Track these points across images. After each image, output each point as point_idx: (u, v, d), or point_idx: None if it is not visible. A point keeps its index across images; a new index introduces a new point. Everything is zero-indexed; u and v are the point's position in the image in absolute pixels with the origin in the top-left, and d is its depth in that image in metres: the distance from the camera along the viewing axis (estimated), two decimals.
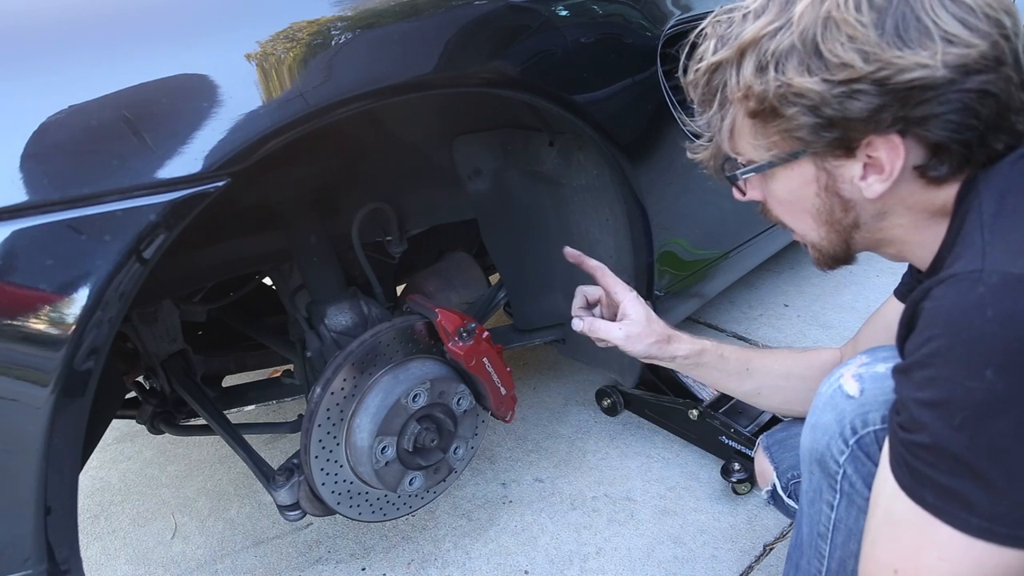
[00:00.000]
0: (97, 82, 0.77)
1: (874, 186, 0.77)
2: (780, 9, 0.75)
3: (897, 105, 0.71)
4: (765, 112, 0.78)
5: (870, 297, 2.37)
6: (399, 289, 1.81)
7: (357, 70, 0.92)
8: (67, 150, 0.75)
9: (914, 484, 0.68)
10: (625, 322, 1.20)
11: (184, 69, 0.81)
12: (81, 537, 0.93)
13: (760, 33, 0.76)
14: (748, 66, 0.77)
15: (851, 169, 0.77)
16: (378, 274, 1.43)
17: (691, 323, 2.31)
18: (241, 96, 0.83)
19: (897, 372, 0.72)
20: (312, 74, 0.88)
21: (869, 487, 0.89)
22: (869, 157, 0.75)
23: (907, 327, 0.73)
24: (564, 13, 1.16)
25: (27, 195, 0.72)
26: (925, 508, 0.67)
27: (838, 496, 0.94)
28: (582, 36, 1.18)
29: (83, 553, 0.92)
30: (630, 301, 1.21)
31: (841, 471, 0.92)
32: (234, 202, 1.11)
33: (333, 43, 0.90)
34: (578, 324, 1.23)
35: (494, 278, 1.80)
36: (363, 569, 1.49)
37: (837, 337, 2.16)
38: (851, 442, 0.90)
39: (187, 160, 0.79)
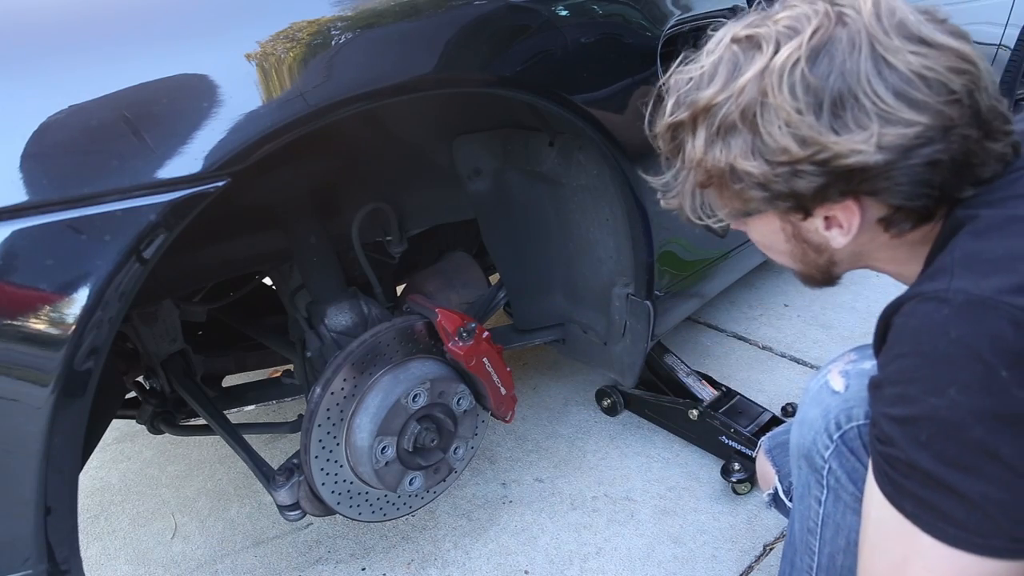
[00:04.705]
0: (97, 82, 0.77)
1: (837, 239, 0.78)
2: (727, 78, 0.75)
3: (841, 182, 0.71)
4: (716, 183, 0.79)
5: (870, 297, 2.37)
6: (399, 289, 1.81)
7: (357, 70, 0.92)
8: (67, 150, 0.75)
9: (895, 493, 0.70)
10: None
11: (184, 69, 0.81)
12: (81, 537, 0.93)
13: (710, 102, 0.75)
14: (700, 136, 0.77)
15: (813, 223, 0.78)
16: (378, 274, 1.43)
17: (691, 323, 2.31)
18: (241, 96, 0.83)
19: (871, 387, 0.73)
20: (312, 74, 0.88)
21: (854, 482, 0.91)
22: (828, 215, 0.76)
23: (881, 339, 0.74)
24: (564, 13, 1.15)
25: (27, 195, 0.72)
26: (907, 517, 0.69)
27: (825, 491, 0.95)
28: (582, 36, 1.18)
29: (83, 553, 0.92)
30: None
31: (827, 466, 0.94)
32: (234, 202, 1.11)
33: (333, 43, 0.90)
34: None
35: (494, 278, 1.80)
36: (363, 569, 1.49)
37: (837, 337, 2.16)
38: (835, 437, 0.92)
39: (187, 160, 0.79)
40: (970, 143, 0.70)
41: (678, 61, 0.83)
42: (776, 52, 0.71)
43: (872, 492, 0.74)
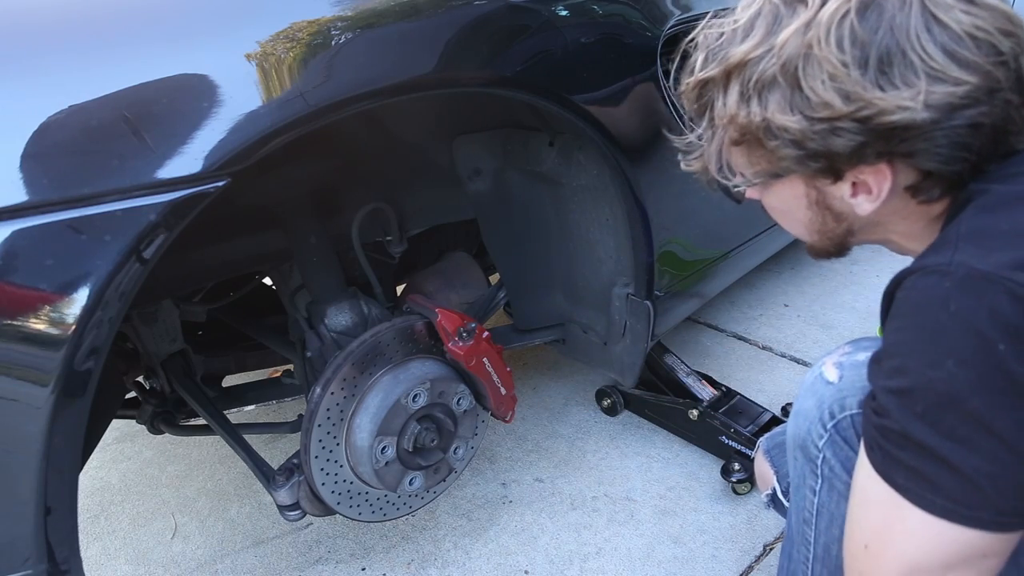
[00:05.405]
0: (97, 82, 0.77)
1: (863, 205, 0.77)
2: (766, 32, 0.73)
3: (881, 142, 0.70)
4: (749, 140, 0.77)
5: (870, 297, 2.37)
6: (399, 289, 1.81)
7: (357, 70, 0.92)
8: (67, 150, 0.75)
9: (886, 466, 0.71)
10: None
11: (184, 69, 0.81)
12: (81, 537, 0.93)
13: (746, 57, 0.74)
14: (733, 92, 0.76)
15: (840, 188, 0.78)
16: (378, 274, 1.43)
17: (691, 323, 2.31)
18: (241, 96, 0.83)
19: (871, 361, 0.74)
20: (312, 74, 0.88)
21: (847, 471, 0.91)
22: (856, 181, 0.76)
23: (886, 314, 0.75)
24: (564, 13, 1.15)
25: (27, 195, 0.72)
26: (895, 489, 0.69)
27: (820, 481, 0.96)
28: (582, 36, 1.18)
29: (83, 553, 0.92)
30: None
31: (821, 456, 0.94)
32: (234, 202, 1.11)
33: (333, 43, 0.90)
34: None
35: (494, 278, 1.80)
36: (363, 569, 1.49)
37: (837, 337, 2.15)
38: (829, 426, 0.92)
39: (187, 160, 0.79)
40: (1011, 109, 0.69)
41: (709, 16, 0.81)
42: (823, 4, 0.70)
43: (861, 466, 0.74)
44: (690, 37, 0.84)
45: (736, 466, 1.57)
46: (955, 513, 0.66)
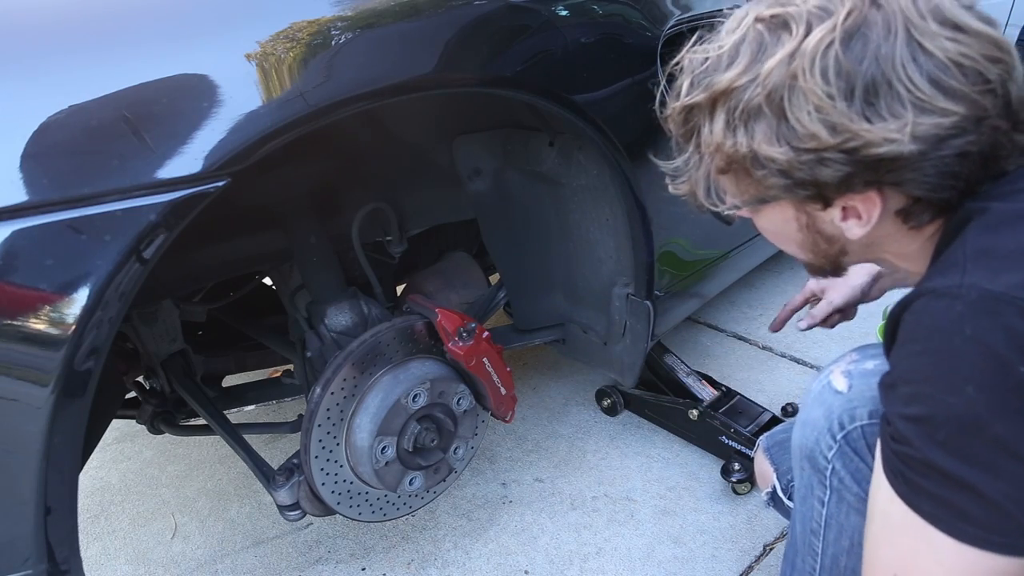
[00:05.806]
0: (97, 82, 0.77)
1: (854, 229, 0.76)
2: (751, 60, 0.72)
3: (868, 172, 0.69)
4: (736, 169, 0.76)
5: None
6: (399, 289, 1.81)
7: (357, 70, 0.92)
8: (67, 150, 0.75)
9: (910, 493, 0.69)
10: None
11: (184, 69, 0.81)
12: (81, 537, 0.93)
13: (731, 85, 0.72)
14: (719, 120, 0.74)
15: (830, 214, 0.77)
16: (378, 274, 1.43)
17: (691, 323, 2.31)
18: (241, 96, 0.83)
19: (883, 386, 0.72)
20: (312, 74, 0.88)
21: (857, 482, 0.91)
22: (846, 206, 0.75)
23: (891, 337, 0.73)
24: (564, 13, 1.15)
25: (27, 195, 0.72)
26: (922, 516, 0.68)
27: (828, 492, 0.95)
28: (582, 36, 1.18)
29: (83, 553, 0.92)
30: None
31: (830, 467, 0.93)
32: (234, 202, 1.11)
33: (333, 43, 0.90)
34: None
35: (494, 278, 1.80)
36: (363, 569, 1.49)
37: (837, 337, 2.15)
38: (839, 437, 0.91)
39: (187, 160, 0.79)
40: (999, 135, 0.69)
41: (692, 40, 0.80)
42: (808, 33, 0.69)
43: (880, 487, 0.73)
44: (675, 60, 0.82)
45: (736, 466, 1.57)
46: (986, 541, 0.64)
